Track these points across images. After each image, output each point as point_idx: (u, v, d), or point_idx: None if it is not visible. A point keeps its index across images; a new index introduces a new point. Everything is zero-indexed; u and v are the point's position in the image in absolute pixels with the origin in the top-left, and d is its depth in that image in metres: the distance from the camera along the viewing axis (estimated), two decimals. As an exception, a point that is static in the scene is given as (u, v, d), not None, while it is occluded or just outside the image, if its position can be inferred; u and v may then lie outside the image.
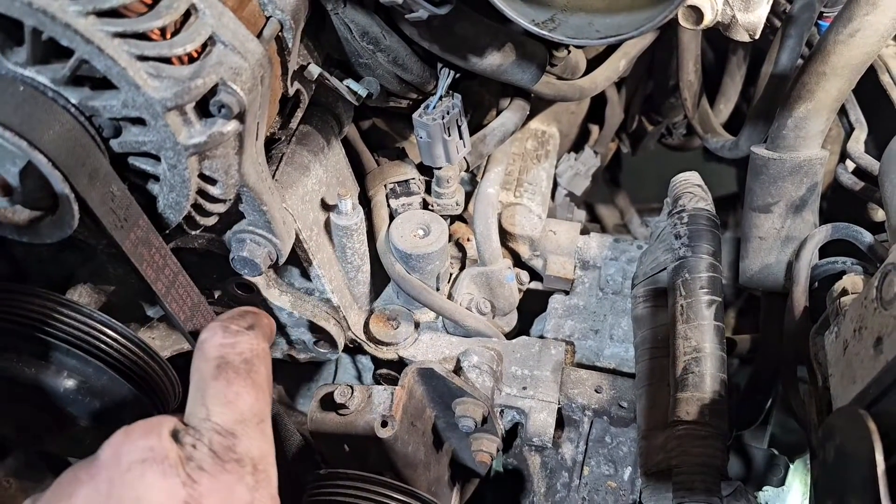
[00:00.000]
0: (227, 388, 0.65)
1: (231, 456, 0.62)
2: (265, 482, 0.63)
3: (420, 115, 0.97)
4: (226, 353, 0.67)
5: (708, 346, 0.91)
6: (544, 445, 1.00)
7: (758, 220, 1.01)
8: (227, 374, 0.66)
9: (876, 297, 0.70)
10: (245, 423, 0.64)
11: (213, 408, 0.64)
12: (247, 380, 0.66)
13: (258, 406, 0.66)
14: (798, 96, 0.92)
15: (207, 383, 0.65)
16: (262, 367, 0.68)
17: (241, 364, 0.67)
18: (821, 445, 0.74)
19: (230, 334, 0.69)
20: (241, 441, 0.63)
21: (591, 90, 1.13)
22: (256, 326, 0.71)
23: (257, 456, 0.63)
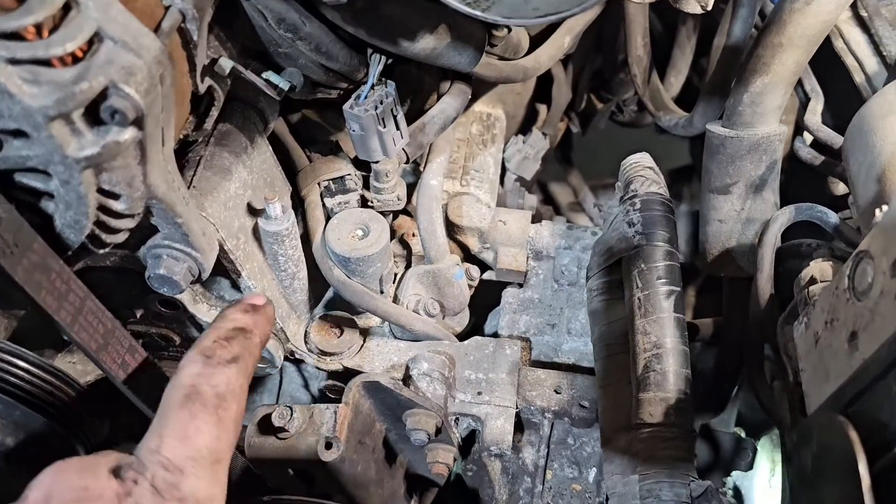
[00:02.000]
0: (189, 421, 0.60)
1: (174, 494, 0.57)
2: None
3: (351, 106, 0.89)
4: (199, 384, 0.63)
5: (669, 342, 0.86)
6: (503, 453, 0.94)
7: (717, 201, 0.96)
8: (192, 407, 0.61)
9: (848, 287, 0.65)
10: (197, 461, 0.59)
11: (167, 440, 0.59)
12: (213, 416, 0.62)
13: (217, 445, 0.61)
14: (753, 70, 0.87)
15: (170, 412, 0.61)
16: (234, 406, 0.63)
17: (211, 398, 0.62)
18: (796, 450, 0.69)
19: (209, 366, 0.64)
20: (188, 479, 0.58)
21: (534, 70, 1.06)
22: (241, 358, 0.66)
23: (203, 497, 0.58)
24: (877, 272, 0.62)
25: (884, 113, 0.72)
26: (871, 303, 0.62)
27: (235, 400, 0.64)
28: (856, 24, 1.16)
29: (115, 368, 0.74)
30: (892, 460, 0.57)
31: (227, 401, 0.63)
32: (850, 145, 0.77)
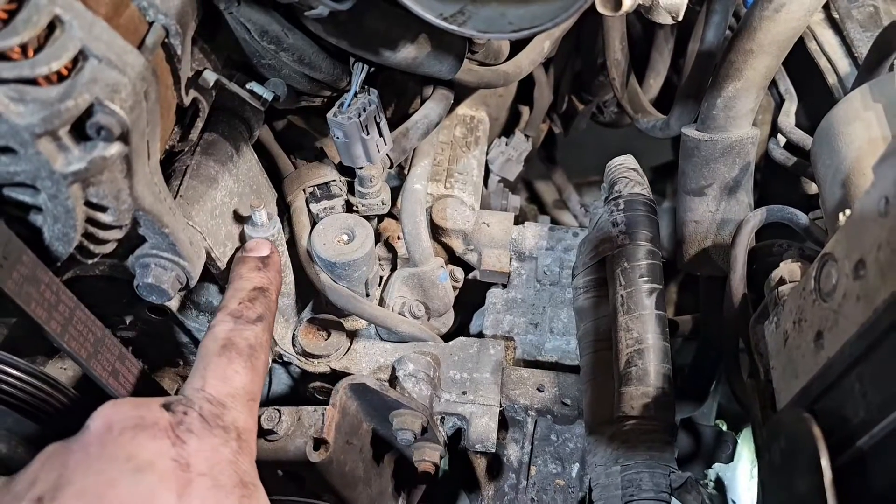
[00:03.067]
0: (228, 365, 0.71)
1: (218, 423, 0.67)
2: (247, 451, 0.68)
3: (334, 114, 0.91)
4: (233, 337, 0.74)
5: (650, 338, 0.89)
6: (488, 451, 0.97)
7: (692, 203, 0.99)
8: (229, 354, 0.72)
9: (814, 289, 0.68)
10: (236, 397, 0.70)
11: (209, 380, 0.70)
12: (247, 362, 0.73)
13: (252, 387, 0.72)
14: (726, 75, 0.89)
15: (210, 359, 0.72)
16: (263, 356, 0.75)
17: (245, 348, 0.74)
18: (766, 446, 0.72)
19: (240, 324, 0.75)
20: (230, 411, 0.68)
21: (515, 75, 1.08)
22: (265, 317, 0.78)
23: (242, 427, 0.68)
24: (840, 274, 0.64)
25: (849, 119, 0.75)
26: (835, 304, 0.64)
27: (263, 351, 0.75)
28: (828, 26, 1.19)
29: (106, 376, 0.76)
30: (854, 455, 0.60)
31: (258, 352, 0.74)
32: (817, 150, 0.79)
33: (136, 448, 0.62)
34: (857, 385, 0.62)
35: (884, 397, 0.57)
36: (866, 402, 0.60)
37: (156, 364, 1.02)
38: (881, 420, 0.57)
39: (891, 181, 0.58)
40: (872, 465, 0.58)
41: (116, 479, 0.60)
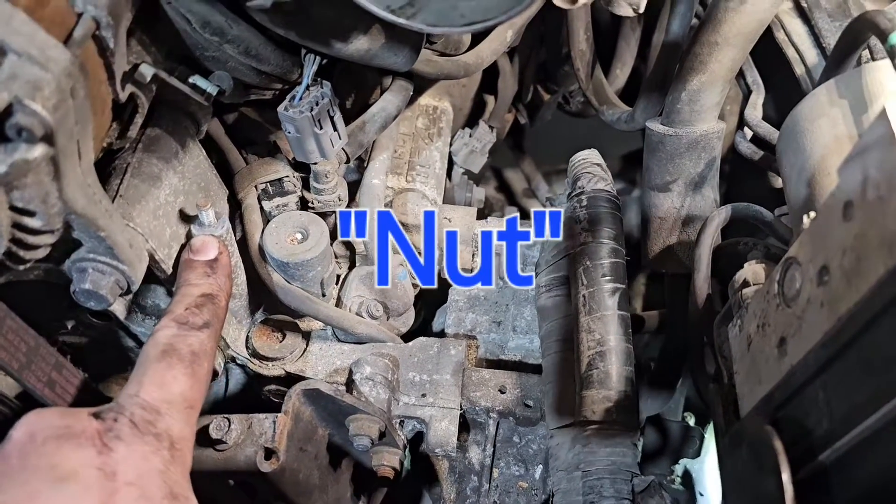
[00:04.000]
0: (167, 371, 0.68)
1: (150, 429, 0.63)
2: (180, 460, 0.64)
3: (286, 108, 0.87)
4: (175, 342, 0.71)
5: (612, 339, 0.86)
6: (448, 454, 0.94)
7: (657, 199, 0.96)
8: (170, 360, 0.69)
9: (778, 293, 0.65)
10: (172, 404, 0.66)
11: (145, 386, 0.66)
12: (188, 368, 0.69)
13: (191, 394, 0.68)
14: (691, 68, 0.86)
15: (149, 365, 0.68)
16: (206, 363, 0.72)
17: (186, 354, 0.70)
18: (728, 453, 0.70)
19: (184, 330, 0.72)
20: (164, 418, 0.65)
21: (476, 65, 1.04)
22: (211, 324, 0.75)
23: (177, 435, 0.65)
24: (804, 280, 0.62)
25: (815, 115, 0.72)
26: (799, 310, 0.62)
27: (207, 359, 0.72)
28: (797, 16, 1.16)
29: (41, 387, 0.72)
30: (816, 469, 0.58)
31: (200, 358, 0.71)
32: (783, 147, 0.77)
33: (60, 458, 0.59)
34: (821, 394, 0.60)
35: (848, 409, 0.55)
36: (830, 412, 0.58)
37: (102, 371, 0.98)
38: (844, 434, 0.55)
39: (855, 184, 0.56)
40: (835, 481, 0.56)
41: (38, 491, 0.57)
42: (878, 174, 0.53)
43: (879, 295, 0.51)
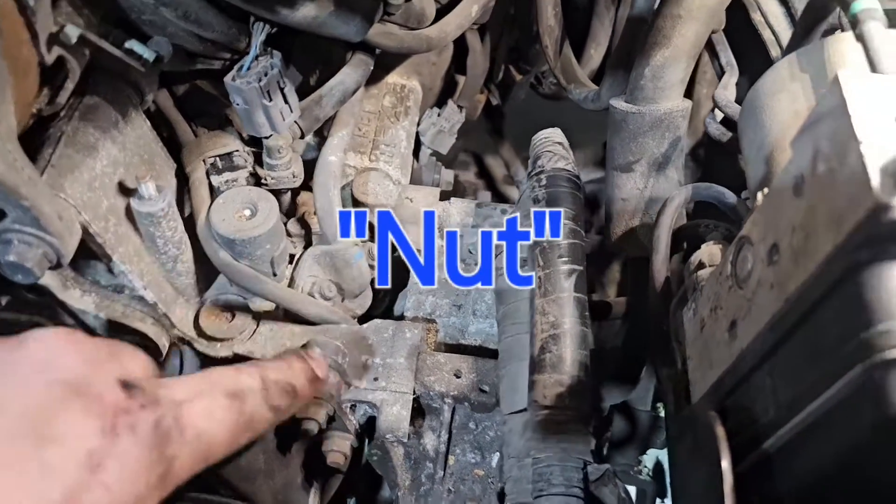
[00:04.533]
0: (220, 410, 0.59)
1: (165, 447, 0.53)
2: (159, 496, 0.54)
3: (233, 78, 0.83)
4: (248, 394, 0.63)
5: (567, 322, 0.83)
6: (398, 439, 0.91)
7: (620, 179, 0.93)
8: (231, 402, 0.60)
9: (731, 274, 0.62)
10: (200, 441, 0.57)
11: (195, 406, 0.57)
12: (236, 425, 0.60)
13: (217, 447, 0.59)
14: (654, 42, 0.83)
15: (209, 391, 0.59)
16: (245, 437, 0.62)
17: (247, 412, 0.62)
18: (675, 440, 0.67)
19: (262, 390, 0.65)
20: (183, 446, 0.55)
21: (440, 40, 1.01)
22: (277, 410, 0.66)
23: (177, 469, 0.55)
24: (756, 260, 0.59)
25: (775, 90, 0.69)
26: (749, 291, 0.59)
27: (250, 434, 0.63)
28: (774, -4, 1.13)
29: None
30: (759, 458, 0.55)
31: (251, 426, 0.62)
32: (743, 124, 0.74)
33: (59, 412, 0.49)
34: (769, 380, 0.57)
35: (793, 396, 0.53)
36: (776, 399, 0.55)
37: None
38: (788, 421, 0.52)
39: (807, 158, 0.53)
40: (776, 470, 0.53)
41: (12, 437, 0.47)
42: (828, 146, 0.50)
43: (826, 274, 0.49)
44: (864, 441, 0.44)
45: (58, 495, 0.47)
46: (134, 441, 0.51)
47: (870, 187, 0.44)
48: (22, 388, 0.50)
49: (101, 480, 0.49)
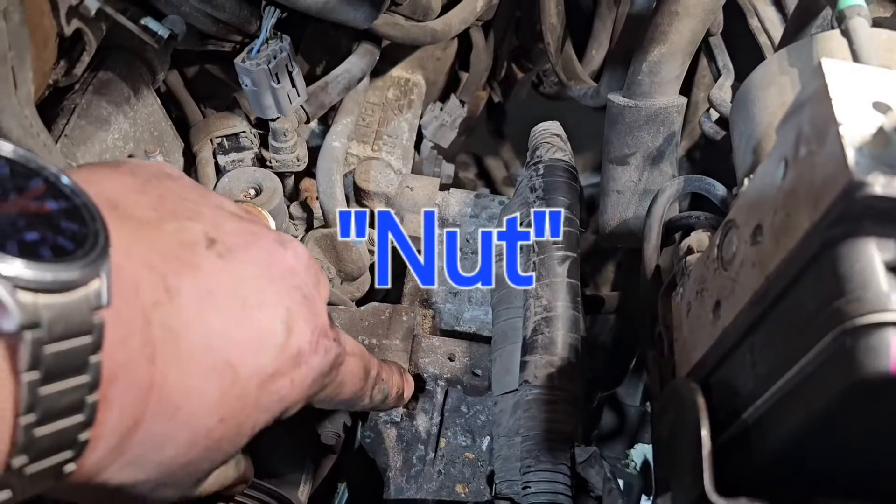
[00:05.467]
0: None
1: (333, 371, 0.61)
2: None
3: (242, 59, 0.86)
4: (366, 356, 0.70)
5: (560, 306, 0.86)
6: (392, 420, 0.93)
7: (615, 172, 0.95)
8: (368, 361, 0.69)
9: (717, 257, 0.65)
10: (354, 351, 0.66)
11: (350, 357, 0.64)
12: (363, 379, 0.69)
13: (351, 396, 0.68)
14: (652, 38, 0.86)
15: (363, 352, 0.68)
16: (342, 381, 0.65)
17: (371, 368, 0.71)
18: (657, 418, 0.69)
19: (368, 357, 0.71)
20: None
21: (444, 33, 1.03)
22: (378, 384, 0.74)
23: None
24: (740, 241, 0.61)
25: (765, 83, 0.72)
26: (733, 272, 0.62)
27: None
28: (771, 3, 1.16)
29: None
30: (738, 429, 0.57)
31: (359, 402, 0.71)
32: (734, 117, 0.76)
33: (294, 308, 0.55)
34: (749, 356, 0.59)
35: (769, 369, 0.55)
36: (755, 373, 0.58)
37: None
38: (765, 392, 0.54)
39: (790, 142, 0.55)
40: (754, 439, 0.55)
41: (262, 305, 0.53)
42: (809, 129, 0.53)
43: (804, 250, 0.51)
44: (834, 405, 0.47)
45: (270, 360, 0.52)
46: (321, 362, 0.57)
47: (846, 165, 0.46)
48: (276, 283, 0.55)
49: (293, 377, 0.54)
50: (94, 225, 0.41)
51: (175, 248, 0.50)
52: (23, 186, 0.39)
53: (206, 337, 0.48)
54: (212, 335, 0.49)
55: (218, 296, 0.50)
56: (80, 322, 0.39)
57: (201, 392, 0.48)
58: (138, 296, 0.45)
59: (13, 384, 0.37)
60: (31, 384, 0.37)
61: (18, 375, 0.37)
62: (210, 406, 0.48)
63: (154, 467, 0.48)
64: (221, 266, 0.51)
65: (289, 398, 0.55)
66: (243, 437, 0.52)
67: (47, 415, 0.39)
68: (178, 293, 0.47)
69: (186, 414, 0.47)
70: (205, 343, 0.48)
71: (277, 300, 0.54)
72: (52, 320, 0.37)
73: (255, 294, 0.52)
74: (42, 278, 0.36)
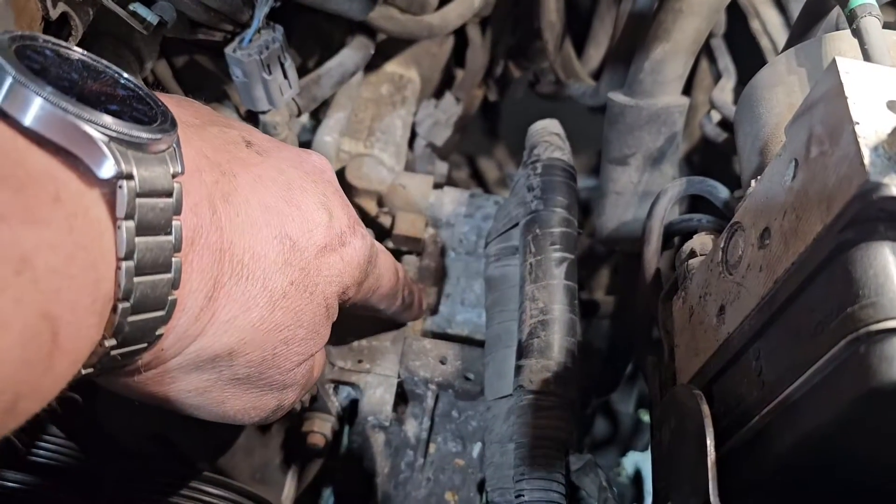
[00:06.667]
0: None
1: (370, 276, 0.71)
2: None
3: (233, 49, 0.83)
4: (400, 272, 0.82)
5: (556, 309, 0.83)
6: (381, 424, 0.91)
7: (615, 173, 0.93)
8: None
9: (721, 261, 0.63)
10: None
11: (383, 253, 0.75)
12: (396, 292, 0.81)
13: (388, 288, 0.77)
14: (655, 36, 0.84)
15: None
16: (380, 273, 0.74)
17: (403, 281, 0.82)
18: (658, 425, 0.67)
19: (401, 276, 0.82)
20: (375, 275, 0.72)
21: (441, 28, 1.01)
22: (405, 296, 0.86)
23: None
24: (746, 244, 0.59)
25: (772, 83, 0.70)
26: (739, 276, 0.60)
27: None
28: (773, 5, 1.14)
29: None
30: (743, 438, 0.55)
31: (393, 300, 0.82)
32: (739, 117, 0.74)
33: (331, 198, 0.64)
34: (754, 363, 0.57)
35: (778, 375, 0.53)
36: (761, 381, 0.55)
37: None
38: (772, 400, 0.52)
39: (801, 142, 0.53)
40: (760, 449, 0.53)
41: (305, 191, 0.61)
42: (822, 129, 0.51)
43: (815, 254, 0.49)
44: (845, 414, 0.45)
45: (321, 236, 0.60)
46: (362, 245, 0.65)
47: (862, 165, 0.44)
48: (312, 175, 0.63)
49: (342, 255, 0.62)
50: (160, 108, 0.47)
51: (221, 143, 0.57)
52: (97, 78, 0.45)
53: (264, 211, 0.56)
54: (268, 210, 0.56)
55: (266, 180, 0.57)
56: (163, 183, 0.44)
57: (267, 256, 0.55)
58: (201, 175, 0.51)
59: (114, 230, 0.42)
60: (128, 231, 0.43)
61: (117, 222, 0.42)
62: (278, 268, 0.56)
63: (248, 332, 0.55)
64: (262, 160, 0.59)
65: (345, 274, 0.63)
66: (319, 308, 0.60)
67: (142, 265, 0.44)
68: (233, 176, 0.55)
69: (259, 275, 0.54)
70: (263, 216, 0.56)
71: (315, 188, 0.61)
72: (143, 175, 0.43)
73: (297, 181, 0.60)
74: (130, 132, 0.42)
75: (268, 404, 0.63)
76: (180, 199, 0.46)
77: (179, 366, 0.53)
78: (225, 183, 0.54)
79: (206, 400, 0.58)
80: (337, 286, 0.62)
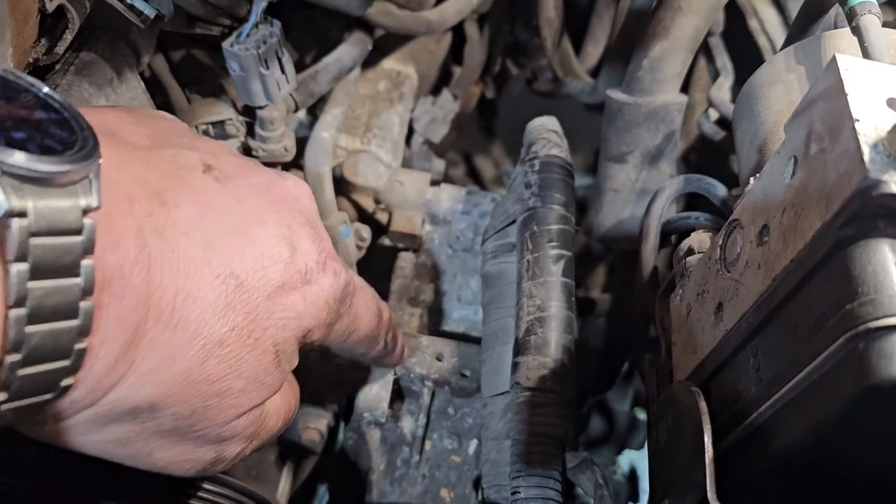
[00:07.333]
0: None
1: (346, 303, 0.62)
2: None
3: (231, 44, 0.83)
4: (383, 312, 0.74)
5: (554, 306, 0.83)
6: (376, 421, 0.90)
7: (612, 170, 0.93)
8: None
9: (719, 258, 0.63)
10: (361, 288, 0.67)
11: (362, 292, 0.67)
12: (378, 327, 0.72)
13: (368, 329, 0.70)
14: (654, 34, 0.84)
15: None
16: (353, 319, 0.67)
17: (384, 324, 0.74)
18: (654, 423, 0.67)
19: (386, 319, 0.75)
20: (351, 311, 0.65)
21: (439, 24, 1.01)
22: (391, 345, 0.79)
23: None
24: (745, 242, 0.59)
25: (771, 81, 0.70)
26: (737, 273, 0.60)
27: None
28: (771, 4, 1.14)
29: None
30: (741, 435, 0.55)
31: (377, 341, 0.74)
32: (737, 115, 0.74)
33: (298, 229, 0.57)
34: (752, 360, 0.57)
35: (775, 373, 0.53)
36: (759, 378, 0.55)
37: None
38: (770, 397, 0.52)
39: (800, 140, 0.53)
40: (757, 447, 0.53)
41: (268, 223, 0.55)
42: (821, 126, 0.51)
43: (814, 251, 0.49)
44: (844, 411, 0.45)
45: (277, 274, 0.53)
46: (332, 284, 0.58)
47: (862, 162, 0.44)
48: (277, 204, 0.57)
49: (304, 294, 0.55)
50: (83, 134, 0.42)
51: (170, 169, 0.51)
52: (13, 97, 0.41)
53: (206, 248, 0.49)
54: (212, 246, 0.50)
55: (217, 210, 0.51)
56: (70, 219, 0.39)
57: (204, 299, 0.48)
58: (132, 206, 0.45)
59: (2, 274, 0.37)
60: (19, 274, 0.37)
61: (7, 265, 0.37)
62: (217, 313, 0.49)
63: (172, 384, 0.48)
64: (218, 187, 0.53)
65: (306, 316, 0.56)
66: (264, 356, 0.53)
67: (39, 312, 0.38)
68: (175, 206, 0.48)
69: (193, 321, 0.48)
70: (204, 253, 0.49)
71: (279, 219, 0.56)
72: (40, 212, 0.37)
73: (255, 212, 0.54)
74: (28, 166, 0.37)
75: (203, 457, 0.55)
76: (92, 236, 0.40)
77: (95, 416, 0.47)
78: (162, 214, 0.47)
79: (131, 451, 0.51)
80: (294, 330, 0.55)
